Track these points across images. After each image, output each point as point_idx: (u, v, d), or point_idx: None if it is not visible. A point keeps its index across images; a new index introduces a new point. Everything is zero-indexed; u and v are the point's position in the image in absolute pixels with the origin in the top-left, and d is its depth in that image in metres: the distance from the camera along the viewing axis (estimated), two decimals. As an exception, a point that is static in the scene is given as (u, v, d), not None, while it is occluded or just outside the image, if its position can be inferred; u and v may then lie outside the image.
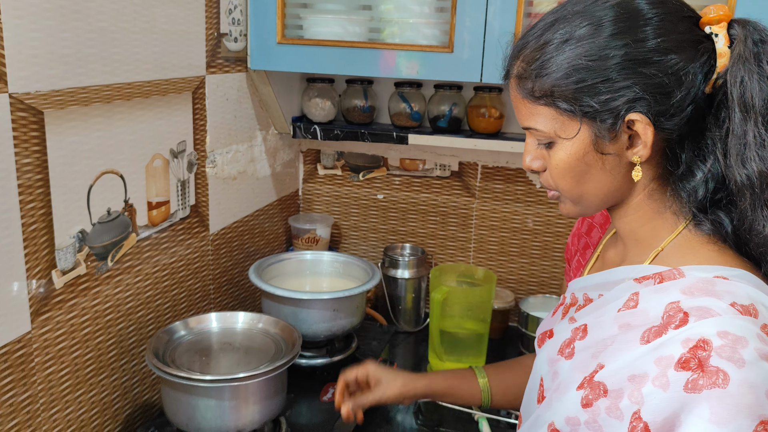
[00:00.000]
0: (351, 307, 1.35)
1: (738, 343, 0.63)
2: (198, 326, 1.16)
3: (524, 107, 0.76)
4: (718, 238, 0.75)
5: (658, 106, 0.70)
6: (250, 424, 1.04)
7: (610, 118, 0.71)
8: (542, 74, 0.73)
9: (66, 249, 0.99)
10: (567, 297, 0.92)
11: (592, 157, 0.74)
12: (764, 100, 0.69)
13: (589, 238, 1.00)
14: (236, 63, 1.42)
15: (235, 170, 1.48)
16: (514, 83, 0.77)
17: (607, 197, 0.78)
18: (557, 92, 0.72)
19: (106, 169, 1.06)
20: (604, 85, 0.70)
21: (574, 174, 0.76)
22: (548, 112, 0.74)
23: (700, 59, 0.71)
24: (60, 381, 1.01)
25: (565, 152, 0.75)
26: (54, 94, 0.94)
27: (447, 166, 1.77)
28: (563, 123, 0.74)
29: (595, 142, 0.73)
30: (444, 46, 1.35)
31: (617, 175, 0.76)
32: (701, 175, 0.74)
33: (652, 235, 0.78)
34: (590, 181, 0.76)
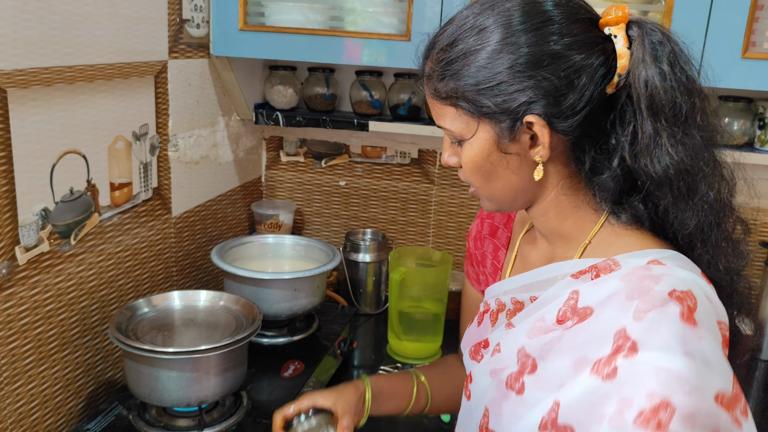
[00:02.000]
0: (312, 287, 1.39)
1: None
2: (161, 303, 1.19)
3: (434, 106, 0.79)
4: (638, 225, 0.77)
5: (552, 108, 0.71)
6: (212, 395, 1.08)
7: (508, 119, 0.73)
8: (446, 75, 0.75)
9: (29, 226, 1.01)
10: (491, 303, 0.91)
11: (496, 157, 0.76)
12: (668, 98, 0.70)
13: (494, 239, 0.99)
14: (199, 49, 1.45)
15: (198, 155, 1.51)
16: (426, 83, 0.79)
17: (518, 195, 0.79)
18: (459, 93, 0.74)
19: (69, 149, 1.08)
20: (500, 88, 0.72)
21: (481, 173, 0.78)
22: (453, 112, 0.76)
23: (597, 60, 0.71)
24: (23, 356, 1.03)
25: (471, 151, 0.77)
26: (17, 73, 0.96)
27: (407, 153, 1.82)
28: (467, 123, 0.76)
29: (497, 141, 0.75)
30: (402, 35, 1.40)
31: (524, 174, 0.77)
32: (608, 173, 0.75)
33: (576, 229, 0.80)
34: (498, 179, 0.78)
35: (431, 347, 1.55)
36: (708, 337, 0.65)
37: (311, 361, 1.32)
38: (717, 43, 1.28)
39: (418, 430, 1.30)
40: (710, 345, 0.65)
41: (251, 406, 1.15)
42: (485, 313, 0.92)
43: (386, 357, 1.55)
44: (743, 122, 1.51)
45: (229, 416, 1.11)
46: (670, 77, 0.70)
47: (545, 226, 0.83)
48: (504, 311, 0.87)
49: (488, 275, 0.99)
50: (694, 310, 0.66)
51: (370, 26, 1.43)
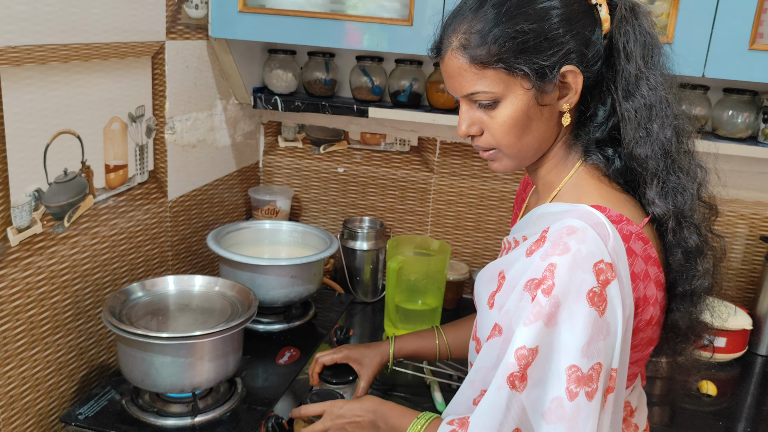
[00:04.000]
0: (308, 274, 1.37)
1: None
2: (155, 288, 1.18)
3: (469, 74, 0.84)
4: (604, 172, 0.88)
5: (582, 58, 0.83)
6: (206, 382, 1.07)
7: (550, 71, 0.81)
8: (487, 41, 0.81)
9: (22, 207, 0.99)
10: (504, 244, 1.02)
11: (533, 111, 0.84)
12: (641, 46, 0.85)
13: (524, 194, 1.10)
14: (197, 30, 1.43)
15: (195, 138, 1.49)
16: (455, 54, 0.84)
17: (541, 147, 0.89)
18: (505, 54, 0.81)
19: (63, 129, 1.06)
20: (542, 45, 0.81)
21: (518, 128, 0.85)
22: (495, 74, 0.82)
23: (597, 23, 0.84)
24: (15, 338, 1.02)
25: (510, 109, 0.84)
26: (10, 50, 0.93)
27: (406, 141, 1.80)
28: (506, 83, 0.82)
29: (536, 95, 0.83)
30: (404, 20, 1.38)
31: (550, 124, 0.86)
32: (602, 113, 0.86)
33: (557, 178, 0.91)
34: (530, 133, 0.86)
35: (428, 336, 1.54)
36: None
37: (307, 348, 1.31)
38: (724, 35, 1.26)
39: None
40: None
41: (246, 393, 1.14)
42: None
43: (382, 345, 1.54)
44: (747, 115, 1.49)
45: (223, 403, 1.10)
46: (639, 30, 0.85)
47: (536, 176, 0.93)
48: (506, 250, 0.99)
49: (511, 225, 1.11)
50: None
51: (372, 10, 1.41)
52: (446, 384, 1.37)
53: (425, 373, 1.40)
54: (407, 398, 1.34)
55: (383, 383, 1.38)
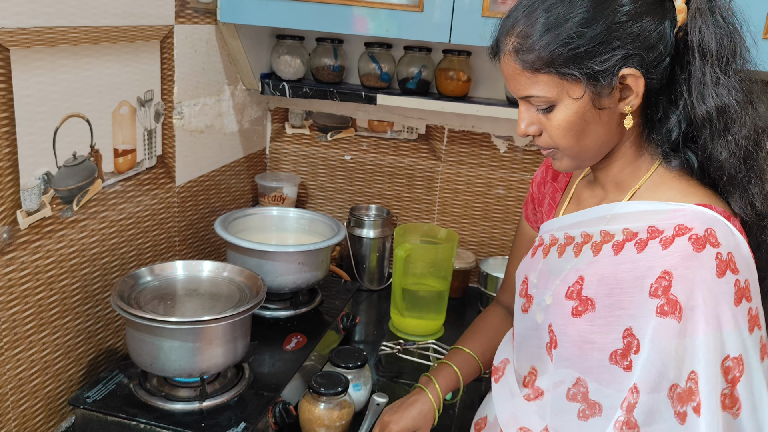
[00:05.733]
0: (316, 261, 1.37)
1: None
2: (163, 273, 1.17)
3: (523, 78, 0.83)
4: (685, 172, 0.86)
5: (644, 60, 0.80)
6: (214, 367, 1.07)
7: (606, 76, 0.80)
8: (538, 46, 0.80)
9: (31, 190, 0.99)
10: (545, 238, 1.00)
11: (590, 114, 0.83)
12: (718, 45, 0.80)
13: (556, 183, 1.08)
14: (206, 15, 1.42)
15: (203, 123, 1.48)
16: (509, 58, 0.83)
17: (602, 149, 0.87)
18: (556, 60, 0.80)
19: (73, 113, 1.06)
20: (598, 49, 0.79)
21: (575, 131, 0.84)
22: (548, 79, 0.81)
23: (669, 15, 0.81)
24: (24, 321, 1.02)
25: (565, 113, 0.83)
26: (20, 32, 0.93)
27: (414, 128, 1.79)
28: (561, 87, 0.81)
29: (593, 99, 0.81)
30: (414, 6, 1.37)
31: (611, 126, 0.85)
32: (675, 117, 0.84)
33: (632, 176, 0.89)
34: (589, 136, 0.85)
35: (434, 325, 1.54)
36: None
37: (314, 335, 1.31)
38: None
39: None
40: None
41: (253, 379, 1.14)
42: (539, 246, 1.01)
43: (388, 333, 1.54)
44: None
45: (230, 388, 1.10)
46: (716, 26, 0.80)
47: (607, 173, 0.91)
48: (556, 245, 0.96)
49: (544, 213, 1.08)
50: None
51: (382, -4, 1.40)
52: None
53: (431, 360, 1.40)
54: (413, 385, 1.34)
55: (389, 371, 1.38)
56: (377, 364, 1.40)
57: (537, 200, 1.12)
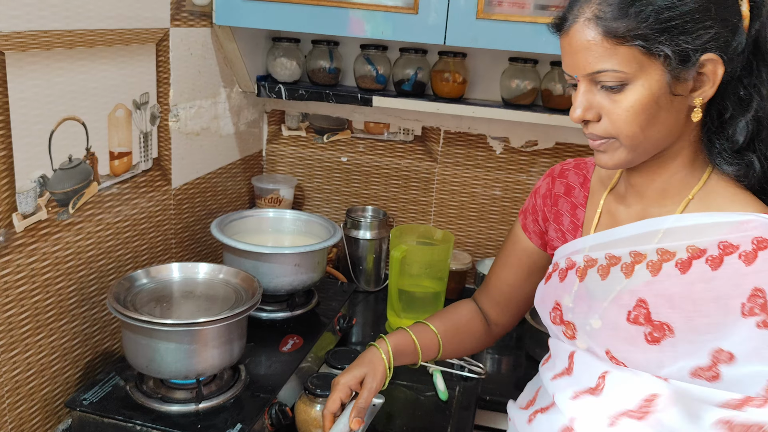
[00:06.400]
0: (312, 262, 1.38)
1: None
2: (159, 275, 1.18)
3: (599, 49, 0.76)
4: (733, 179, 0.81)
5: (726, 48, 0.75)
6: (210, 368, 1.07)
7: (689, 57, 0.74)
8: (627, 14, 0.74)
9: (27, 193, 0.99)
10: (575, 260, 0.92)
11: (664, 99, 0.76)
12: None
13: (571, 197, 1.00)
14: (201, 17, 1.42)
15: (199, 126, 1.49)
16: (586, 26, 0.77)
17: (662, 142, 0.81)
18: (640, 32, 0.73)
19: (68, 116, 1.06)
20: (687, 26, 0.73)
21: (645, 116, 0.77)
22: (629, 52, 0.75)
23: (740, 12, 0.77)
24: (20, 324, 1.02)
25: (640, 93, 0.76)
26: (15, 35, 0.93)
27: (410, 130, 1.79)
28: (640, 63, 0.75)
29: (669, 82, 0.75)
30: (409, 8, 1.37)
31: (679, 119, 0.79)
32: (744, 120, 0.78)
33: (681, 184, 0.83)
34: (656, 124, 0.78)
35: (430, 326, 1.54)
36: None
37: (310, 336, 1.31)
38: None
39: (416, 407, 1.30)
40: None
41: (249, 380, 1.14)
42: (569, 269, 0.94)
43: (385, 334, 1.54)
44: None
45: (226, 389, 1.11)
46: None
47: (651, 179, 0.85)
48: (595, 267, 0.89)
49: (566, 232, 1.00)
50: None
51: (377, -2, 1.40)
52: (448, 372, 1.38)
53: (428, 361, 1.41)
54: (409, 386, 1.34)
55: (386, 372, 1.38)
56: (374, 366, 1.40)
57: (543, 215, 1.05)
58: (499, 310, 1.15)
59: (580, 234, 0.97)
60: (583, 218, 0.97)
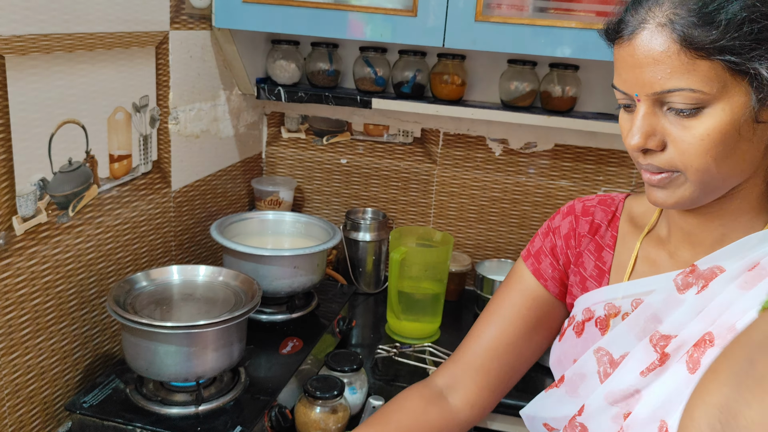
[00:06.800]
0: (312, 265, 1.38)
1: None
2: (159, 277, 1.18)
3: (674, 62, 0.63)
4: None
5: None
6: (210, 371, 1.07)
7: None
8: (713, 21, 0.61)
9: (27, 196, 1.00)
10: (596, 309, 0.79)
11: (747, 127, 0.64)
12: None
13: (597, 238, 0.86)
14: (200, 20, 1.42)
15: (198, 128, 1.49)
16: (659, 32, 0.64)
17: (736, 179, 0.68)
18: (732, 43, 0.61)
19: (68, 119, 1.06)
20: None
21: (723, 147, 0.64)
22: (710, 68, 0.62)
23: None
24: (20, 327, 1.02)
25: (719, 119, 0.63)
26: (15, 39, 0.93)
27: (410, 132, 1.80)
28: (727, 83, 0.63)
29: (756, 107, 0.63)
30: (408, 10, 1.38)
31: (759, 151, 0.66)
32: None
33: (745, 231, 0.70)
34: (733, 157, 0.65)
35: (430, 327, 1.55)
36: None
37: (310, 338, 1.31)
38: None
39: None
40: None
41: (249, 383, 1.15)
42: (586, 321, 0.80)
43: (384, 336, 1.55)
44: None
45: (226, 392, 1.11)
46: None
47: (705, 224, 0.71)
48: (618, 315, 0.77)
49: (588, 278, 0.85)
50: None
51: (376, 1, 1.41)
52: (448, 375, 1.38)
53: (427, 363, 1.41)
54: (409, 388, 1.34)
55: (385, 374, 1.38)
56: (373, 368, 1.40)
57: (565, 257, 0.89)
58: (485, 383, 0.90)
59: (607, 281, 0.82)
60: (611, 263, 0.83)
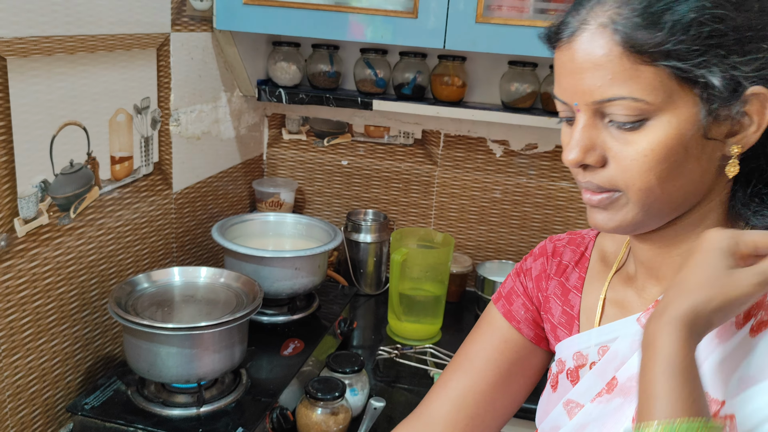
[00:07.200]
0: (313, 266, 1.38)
1: None
2: (160, 279, 1.18)
3: (614, 68, 0.56)
4: None
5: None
6: (211, 372, 1.07)
7: (731, 89, 0.55)
8: (658, 22, 0.54)
9: (28, 198, 1.00)
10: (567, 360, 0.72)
11: (694, 144, 0.57)
12: None
13: (563, 280, 0.79)
14: (202, 22, 1.43)
15: (199, 130, 1.49)
16: (600, 34, 0.57)
17: (684, 202, 0.61)
18: (679, 47, 0.54)
19: (69, 121, 1.06)
20: (740, 44, 0.54)
21: (668, 164, 0.57)
22: (655, 75, 0.55)
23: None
24: (22, 329, 1.02)
25: (663, 133, 0.56)
26: (17, 41, 0.93)
27: (410, 133, 1.80)
28: (673, 92, 0.55)
29: (705, 121, 0.56)
30: (409, 12, 1.38)
31: (709, 171, 0.59)
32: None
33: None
34: (679, 177, 0.58)
35: (431, 329, 1.55)
36: None
37: (311, 340, 1.31)
38: None
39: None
40: None
41: (250, 384, 1.15)
42: (559, 374, 0.74)
43: (386, 338, 1.55)
44: None
45: (228, 393, 1.11)
46: None
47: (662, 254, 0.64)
48: (586, 365, 0.70)
49: (557, 325, 0.78)
50: None
51: (377, 3, 1.41)
52: (450, 376, 1.38)
53: (428, 365, 1.41)
54: (410, 389, 1.34)
55: (387, 376, 1.38)
56: (375, 369, 1.40)
57: (537, 300, 0.81)
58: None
59: (577, 328, 0.75)
60: (579, 307, 0.75)
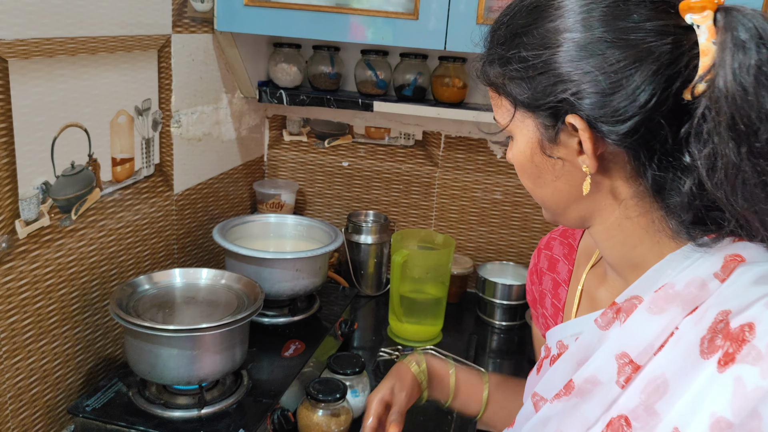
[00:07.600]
0: (314, 267, 1.38)
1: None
2: (162, 281, 1.18)
3: (493, 99, 0.70)
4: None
5: (598, 110, 0.59)
6: (212, 374, 1.07)
7: (548, 115, 0.63)
8: (496, 58, 0.66)
9: (30, 200, 1.00)
10: (552, 347, 0.78)
11: (539, 159, 0.66)
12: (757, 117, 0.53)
13: (554, 274, 0.85)
14: (203, 24, 1.43)
15: (200, 132, 1.49)
16: (480, 71, 0.71)
17: (569, 207, 0.68)
18: (504, 79, 0.65)
19: (71, 122, 1.07)
20: (542, 77, 0.61)
21: (527, 175, 0.69)
22: (505, 101, 0.67)
23: (664, 56, 0.56)
24: (23, 330, 1.02)
25: (516, 149, 0.69)
26: (18, 43, 0.94)
27: (411, 135, 1.80)
28: (514, 113, 0.67)
29: (540, 142, 0.65)
30: (409, 14, 1.38)
31: (575, 184, 0.65)
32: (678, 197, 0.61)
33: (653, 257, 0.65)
34: (545, 186, 0.68)
35: (432, 330, 1.55)
36: None
37: (312, 341, 1.31)
38: None
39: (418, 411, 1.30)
40: None
41: (251, 386, 1.15)
42: (545, 358, 0.80)
43: (386, 339, 1.55)
44: None
45: (229, 395, 1.11)
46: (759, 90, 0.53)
47: (612, 253, 0.69)
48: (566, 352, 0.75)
49: (549, 317, 0.85)
50: None
51: (377, 4, 1.41)
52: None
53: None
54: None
55: (388, 376, 1.38)
56: (376, 370, 1.40)
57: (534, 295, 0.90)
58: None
59: (561, 318, 0.81)
60: (564, 299, 0.81)
